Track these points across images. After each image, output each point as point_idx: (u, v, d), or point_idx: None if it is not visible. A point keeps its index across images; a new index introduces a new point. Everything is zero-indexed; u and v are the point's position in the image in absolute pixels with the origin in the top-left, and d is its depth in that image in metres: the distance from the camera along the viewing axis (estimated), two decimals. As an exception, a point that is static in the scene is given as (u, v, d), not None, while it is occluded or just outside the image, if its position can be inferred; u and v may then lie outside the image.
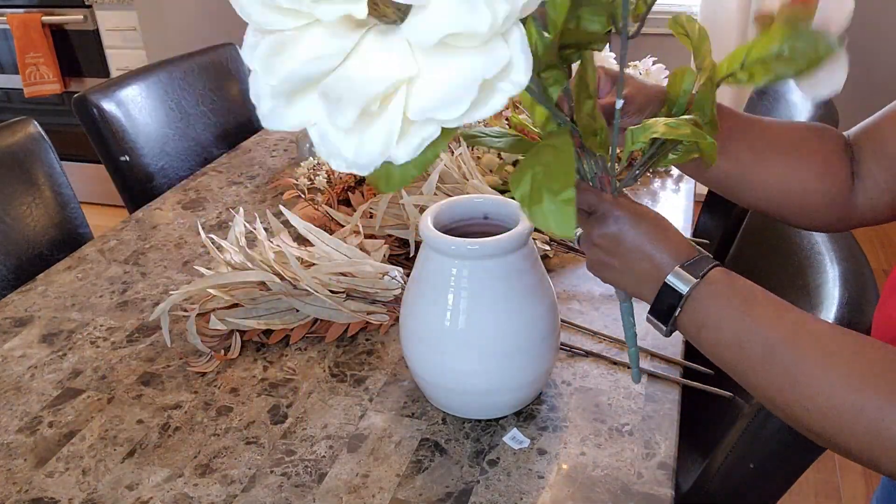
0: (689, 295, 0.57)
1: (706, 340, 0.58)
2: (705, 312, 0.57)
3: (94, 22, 2.71)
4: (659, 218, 0.62)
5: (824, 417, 0.51)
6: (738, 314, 0.56)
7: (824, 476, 1.72)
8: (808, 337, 0.53)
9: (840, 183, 0.69)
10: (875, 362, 0.51)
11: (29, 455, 0.79)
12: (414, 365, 0.80)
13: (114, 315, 1.02)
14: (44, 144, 1.32)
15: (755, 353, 0.55)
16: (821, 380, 0.51)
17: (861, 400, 0.49)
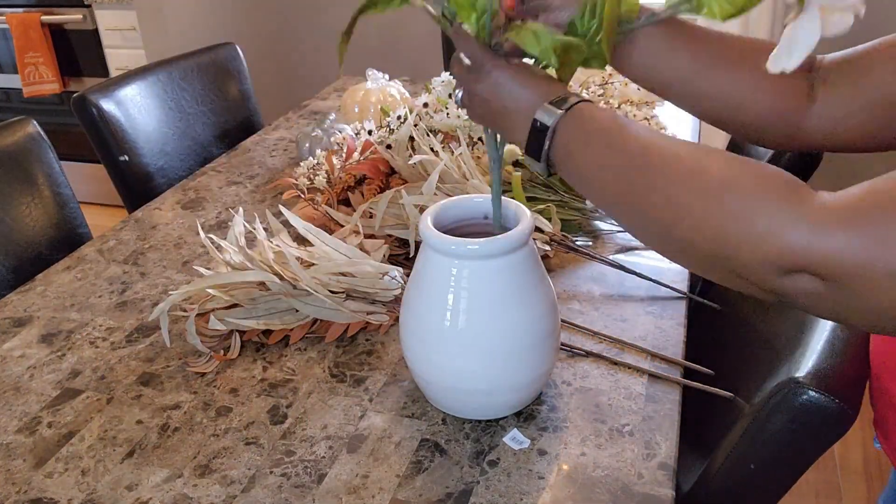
0: (555, 127, 0.61)
1: (574, 166, 0.61)
2: (571, 139, 0.61)
3: (93, 21, 2.71)
4: (531, 65, 0.66)
5: (670, 207, 0.55)
6: (598, 133, 0.60)
7: (824, 476, 1.72)
8: (663, 143, 0.57)
9: (793, 101, 0.70)
10: (716, 159, 0.55)
11: (28, 455, 0.79)
12: (414, 365, 0.80)
13: (113, 315, 1.02)
14: (43, 144, 1.32)
15: (614, 165, 0.58)
16: (670, 174, 0.55)
17: (702, 185, 0.53)
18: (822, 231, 0.48)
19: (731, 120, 0.73)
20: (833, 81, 0.70)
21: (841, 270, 0.48)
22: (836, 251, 0.48)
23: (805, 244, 0.49)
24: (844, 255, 0.48)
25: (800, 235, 0.49)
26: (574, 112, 0.61)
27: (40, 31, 2.69)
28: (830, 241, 0.48)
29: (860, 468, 1.75)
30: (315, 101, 1.87)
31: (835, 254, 0.48)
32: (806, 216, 0.49)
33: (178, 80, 1.66)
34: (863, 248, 0.47)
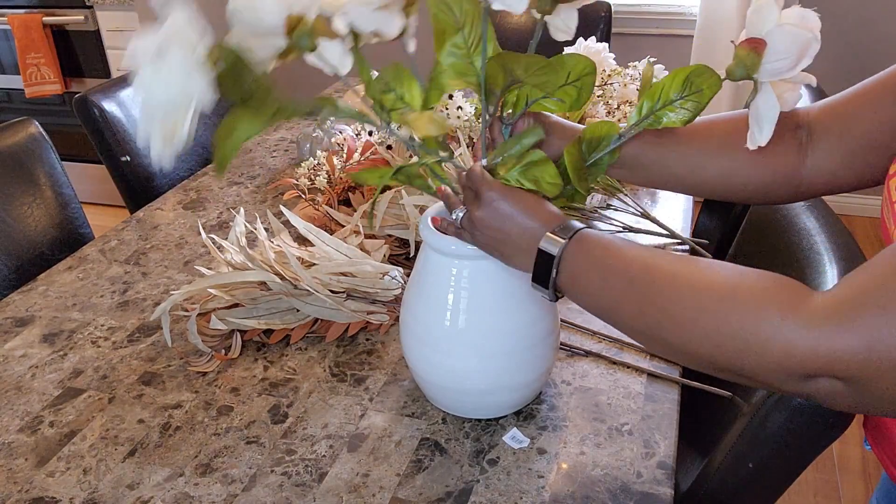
0: (561, 256, 0.64)
1: (580, 291, 0.64)
2: (577, 266, 0.64)
3: (94, 22, 2.71)
4: (530, 194, 0.69)
5: (676, 325, 0.57)
6: (601, 258, 0.63)
7: (824, 476, 1.73)
8: (659, 262, 0.60)
9: (784, 162, 0.73)
10: (714, 274, 0.57)
11: (30, 454, 0.79)
12: (414, 365, 0.81)
13: (114, 315, 1.03)
14: (45, 145, 1.32)
15: (618, 287, 0.61)
16: (671, 293, 0.58)
17: (703, 302, 0.56)
18: (822, 333, 0.50)
19: (736, 194, 0.76)
20: (819, 135, 0.73)
21: (849, 368, 0.49)
22: (838, 351, 0.49)
23: (809, 349, 0.50)
24: (847, 353, 0.49)
25: (802, 341, 0.50)
26: (577, 239, 0.64)
27: (42, 31, 2.69)
28: (831, 342, 0.49)
29: (858, 467, 1.75)
30: (316, 102, 1.87)
31: (839, 354, 0.49)
32: (805, 321, 0.51)
33: (180, 81, 1.66)
34: (863, 344, 0.48)
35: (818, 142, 0.73)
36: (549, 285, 0.65)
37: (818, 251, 0.86)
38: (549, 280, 0.65)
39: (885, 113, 0.68)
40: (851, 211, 2.84)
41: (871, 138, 0.69)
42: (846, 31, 2.67)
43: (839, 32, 2.68)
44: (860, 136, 0.70)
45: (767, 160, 0.74)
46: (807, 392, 0.53)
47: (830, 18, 2.68)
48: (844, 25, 2.67)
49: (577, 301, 0.65)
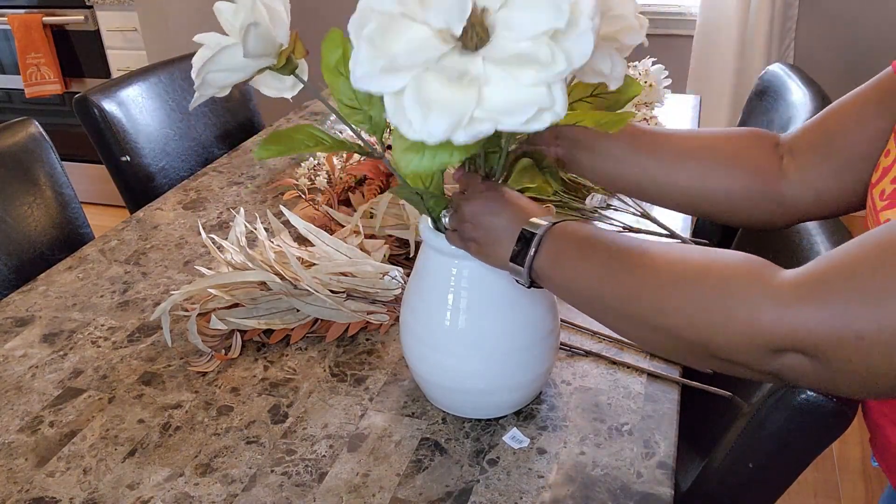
0: (542, 236, 0.64)
1: (560, 276, 0.64)
2: (556, 247, 0.64)
3: (94, 22, 2.71)
4: (517, 193, 0.70)
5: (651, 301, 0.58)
6: (583, 240, 0.63)
7: (824, 476, 1.73)
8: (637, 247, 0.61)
9: (765, 180, 0.74)
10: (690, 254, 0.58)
11: (30, 454, 0.79)
12: (414, 365, 0.81)
13: (115, 315, 1.03)
14: (45, 145, 1.32)
15: (597, 271, 0.61)
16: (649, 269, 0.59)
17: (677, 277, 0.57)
18: (789, 307, 0.51)
19: (711, 208, 0.77)
20: (802, 152, 0.73)
21: (814, 343, 0.50)
22: (805, 325, 0.50)
23: (776, 321, 0.51)
24: (813, 327, 0.50)
25: (770, 314, 0.52)
26: (561, 225, 0.65)
27: (42, 31, 2.69)
28: (798, 315, 0.50)
29: (859, 467, 1.75)
30: (316, 102, 1.87)
31: (805, 327, 0.50)
32: (773, 295, 0.52)
33: (180, 81, 1.67)
34: (830, 318, 0.49)
35: (803, 160, 0.73)
36: (524, 264, 0.65)
37: (818, 251, 0.86)
38: (525, 260, 0.65)
39: (869, 125, 0.68)
40: (851, 211, 2.84)
41: (858, 151, 0.69)
42: (846, 31, 2.67)
43: (840, 32, 2.68)
44: (846, 151, 0.70)
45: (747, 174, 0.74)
46: (775, 369, 0.53)
47: (831, 18, 2.68)
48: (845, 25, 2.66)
49: (552, 285, 0.66)
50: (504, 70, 0.52)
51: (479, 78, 0.52)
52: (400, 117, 0.53)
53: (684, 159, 0.76)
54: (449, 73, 0.52)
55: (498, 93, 0.52)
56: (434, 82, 0.52)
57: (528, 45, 0.51)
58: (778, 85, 1.45)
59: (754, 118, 1.51)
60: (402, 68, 0.52)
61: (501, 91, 0.52)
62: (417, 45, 0.52)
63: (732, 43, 2.61)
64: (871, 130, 0.68)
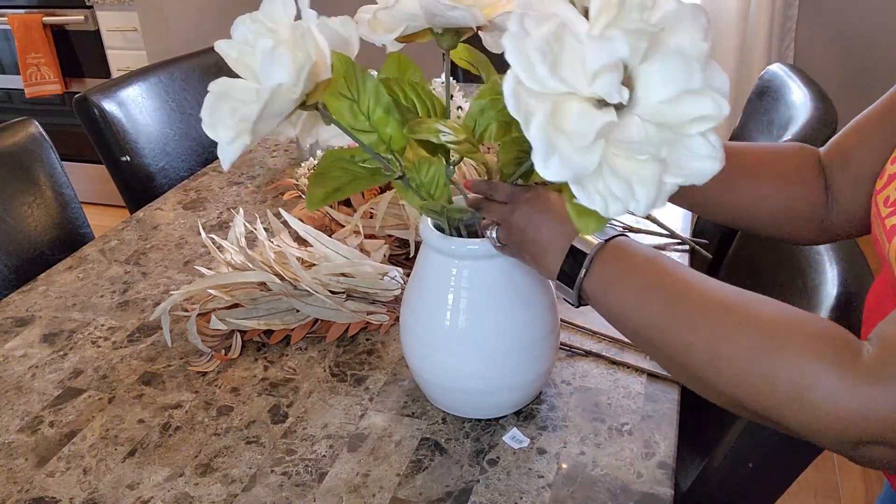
0: (594, 255, 0.60)
1: (610, 299, 0.59)
2: (611, 271, 0.59)
3: (94, 22, 2.71)
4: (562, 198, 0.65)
5: (715, 360, 0.52)
6: (641, 267, 0.58)
7: (824, 476, 1.73)
8: (708, 289, 0.55)
9: (812, 200, 0.73)
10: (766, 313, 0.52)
11: (30, 454, 0.79)
12: (414, 365, 0.81)
13: (115, 315, 1.03)
14: (45, 145, 1.32)
15: (659, 305, 0.56)
16: (718, 328, 0.52)
17: (752, 342, 0.50)
18: (873, 398, 0.46)
19: (760, 225, 0.75)
20: (829, 172, 0.73)
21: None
22: (890, 416, 0.45)
23: (859, 416, 0.46)
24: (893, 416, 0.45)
25: (853, 406, 0.46)
26: (615, 244, 0.60)
27: (42, 31, 2.69)
28: (881, 406, 0.45)
29: (858, 467, 1.75)
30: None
31: (890, 419, 0.45)
32: (855, 383, 0.46)
33: (180, 81, 1.67)
34: None
35: (830, 180, 0.73)
36: (574, 286, 0.61)
37: (818, 251, 0.86)
38: (574, 280, 0.61)
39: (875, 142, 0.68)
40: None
41: (868, 170, 0.68)
42: (847, 31, 2.67)
43: (840, 32, 2.68)
44: (859, 170, 0.69)
45: (793, 194, 0.72)
46: (859, 458, 0.49)
47: (831, 18, 2.68)
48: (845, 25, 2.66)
49: (603, 310, 0.61)
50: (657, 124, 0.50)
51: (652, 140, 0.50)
52: (599, 199, 0.50)
53: (735, 178, 0.73)
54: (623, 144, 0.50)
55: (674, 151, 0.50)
56: (618, 157, 0.50)
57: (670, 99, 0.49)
58: (778, 85, 1.45)
59: (754, 118, 1.51)
60: (585, 146, 0.49)
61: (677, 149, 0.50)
62: (584, 118, 0.49)
63: (732, 43, 2.61)
64: (875, 147, 0.68)
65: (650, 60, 0.49)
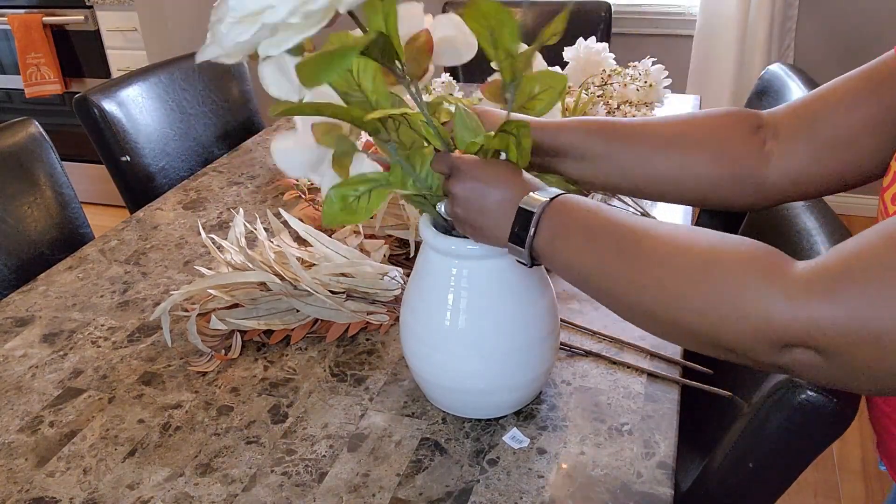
0: (541, 214, 0.62)
1: (559, 251, 0.62)
2: (558, 225, 0.62)
3: (94, 22, 2.71)
4: (506, 163, 0.68)
5: (658, 290, 0.56)
6: (584, 219, 0.61)
7: (824, 476, 1.73)
8: (644, 227, 0.59)
9: (744, 163, 0.72)
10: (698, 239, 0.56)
11: (30, 454, 0.79)
12: (414, 365, 0.81)
13: (115, 315, 1.03)
14: (45, 145, 1.32)
15: (600, 251, 0.59)
16: (654, 260, 0.56)
17: (687, 266, 0.55)
18: (802, 303, 0.49)
19: (693, 196, 0.75)
20: (786, 133, 0.72)
21: (828, 340, 0.49)
22: (818, 321, 0.49)
23: (789, 318, 0.50)
24: (827, 324, 0.48)
25: (782, 310, 0.50)
26: (560, 200, 0.63)
27: (42, 31, 2.69)
28: (811, 312, 0.49)
29: (859, 467, 1.75)
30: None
31: (818, 324, 0.49)
32: (785, 290, 0.50)
33: (180, 81, 1.67)
34: (843, 316, 0.48)
35: (785, 143, 0.72)
36: (525, 245, 0.63)
37: (818, 251, 0.86)
38: (524, 240, 0.63)
39: (858, 111, 0.67)
40: (851, 211, 2.84)
41: (842, 136, 0.68)
42: (847, 31, 2.67)
43: (840, 32, 2.68)
44: (829, 135, 0.69)
45: (722, 157, 0.72)
46: (783, 363, 0.52)
47: (831, 18, 2.68)
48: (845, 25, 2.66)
49: (553, 264, 0.63)
50: None
51: None
52: None
53: (661, 149, 0.74)
54: None
55: None
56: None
57: None
58: (778, 85, 1.45)
59: (754, 118, 1.51)
60: None
61: None
62: None
63: (732, 43, 2.61)
64: (858, 116, 0.67)
65: None
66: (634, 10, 2.83)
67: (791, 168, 0.71)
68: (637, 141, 0.74)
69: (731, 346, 0.54)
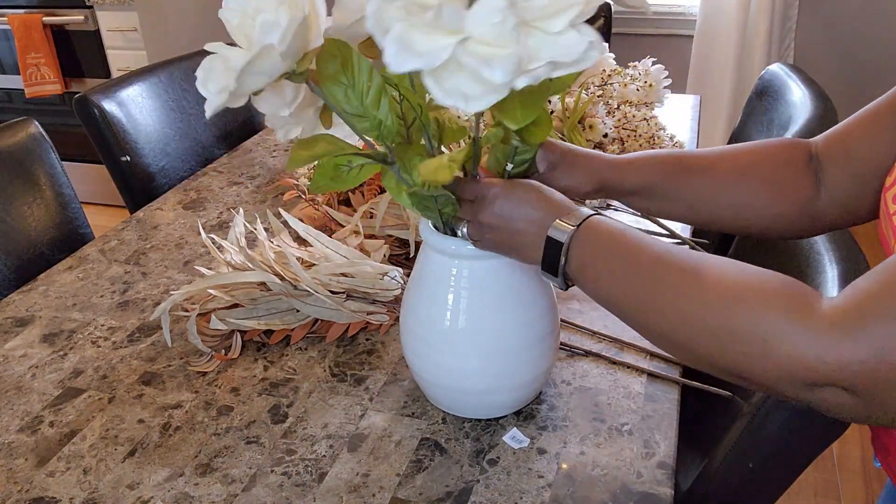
0: (569, 243, 0.63)
1: (588, 280, 0.63)
2: (585, 254, 0.63)
3: (94, 22, 2.71)
4: (533, 183, 0.68)
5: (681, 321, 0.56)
6: (609, 247, 0.62)
7: (824, 476, 1.73)
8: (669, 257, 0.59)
9: (800, 196, 0.73)
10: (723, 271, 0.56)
11: (30, 455, 0.79)
12: (414, 364, 0.81)
13: (115, 315, 1.03)
14: (45, 145, 1.32)
15: (627, 280, 0.60)
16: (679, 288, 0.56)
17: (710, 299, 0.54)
18: (829, 344, 0.48)
19: (754, 229, 0.76)
20: (827, 163, 0.73)
21: (856, 379, 0.48)
22: (846, 362, 0.48)
23: (816, 359, 0.49)
24: (855, 364, 0.48)
25: (809, 350, 0.49)
26: (586, 226, 0.63)
27: (42, 31, 2.69)
28: (839, 352, 0.48)
29: (858, 467, 1.75)
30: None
31: (846, 365, 0.48)
32: (812, 330, 0.49)
33: (180, 81, 1.67)
34: (871, 355, 0.47)
35: (826, 171, 0.72)
36: (557, 273, 0.64)
37: (818, 251, 0.86)
38: (557, 268, 0.64)
39: (882, 138, 0.68)
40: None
41: (874, 164, 0.68)
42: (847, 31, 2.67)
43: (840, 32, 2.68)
44: (863, 164, 0.69)
45: (783, 192, 0.73)
46: (811, 400, 0.51)
47: (831, 18, 2.68)
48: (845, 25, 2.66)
49: (585, 290, 0.64)
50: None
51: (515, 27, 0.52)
52: (455, 88, 0.53)
53: (727, 186, 0.74)
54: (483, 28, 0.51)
55: (538, 39, 0.52)
56: (476, 44, 0.51)
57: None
58: (778, 85, 1.45)
59: (754, 118, 1.51)
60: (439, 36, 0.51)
61: (540, 37, 0.52)
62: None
63: (732, 43, 2.61)
64: (883, 143, 0.68)
65: None
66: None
67: (837, 197, 0.72)
68: (704, 176, 0.75)
69: (755, 381, 0.53)
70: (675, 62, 2.71)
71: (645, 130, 1.37)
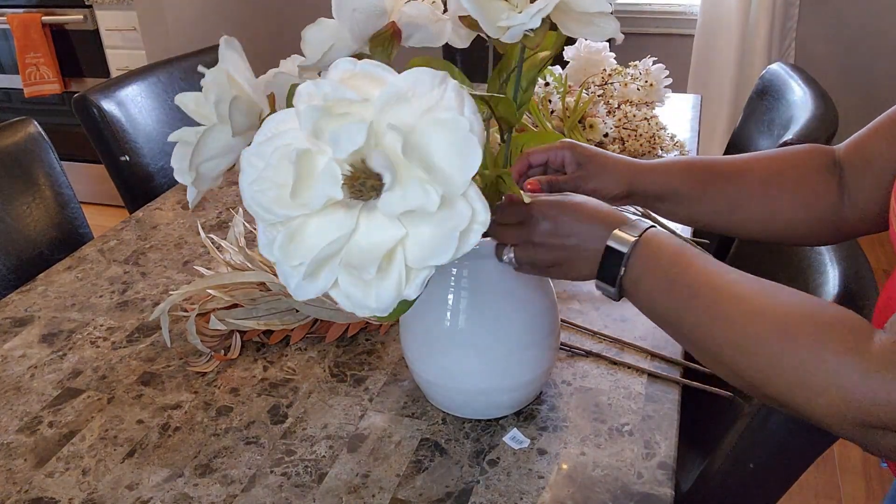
0: (630, 253, 0.62)
1: (642, 291, 0.62)
2: (642, 268, 0.62)
3: (94, 22, 2.71)
4: (580, 197, 0.68)
5: (733, 349, 0.55)
6: (668, 265, 0.61)
7: (824, 476, 1.72)
8: (726, 280, 0.58)
9: (825, 203, 0.73)
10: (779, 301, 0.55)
11: (29, 455, 0.79)
12: (414, 365, 0.80)
13: (114, 315, 1.02)
14: (44, 144, 1.32)
15: (681, 299, 0.59)
16: (733, 315, 0.55)
17: (764, 330, 0.53)
18: (881, 383, 0.47)
19: (780, 236, 0.75)
20: (849, 170, 0.73)
21: None
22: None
23: (868, 399, 0.48)
24: None
25: (860, 389, 0.48)
26: (646, 239, 0.62)
27: (41, 31, 2.69)
28: (888, 391, 0.47)
29: (859, 468, 1.75)
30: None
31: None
32: (865, 368, 0.48)
33: (179, 81, 1.66)
34: None
35: (848, 178, 0.72)
36: (615, 283, 0.63)
37: (819, 251, 0.86)
38: (615, 278, 0.62)
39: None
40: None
41: (893, 170, 0.68)
42: (847, 31, 2.67)
43: (841, 32, 2.68)
44: (882, 170, 0.69)
45: (811, 198, 0.73)
46: (867, 443, 0.50)
47: (832, 18, 2.68)
48: (846, 25, 2.66)
49: (638, 304, 0.63)
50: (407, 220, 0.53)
51: (397, 237, 0.53)
52: (354, 303, 0.55)
53: (755, 193, 0.74)
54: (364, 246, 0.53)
55: (415, 244, 0.53)
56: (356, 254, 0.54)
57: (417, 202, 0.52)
58: (779, 84, 1.45)
59: (755, 118, 1.51)
60: (322, 264, 0.55)
61: (416, 242, 0.53)
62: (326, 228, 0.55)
63: (733, 42, 2.61)
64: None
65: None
66: (634, 9, 2.83)
67: (859, 204, 0.72)
68: (732, 184, 0.74)
69: (803, 413, 0.53)
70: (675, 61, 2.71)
71: (645, 130, 1.37)
